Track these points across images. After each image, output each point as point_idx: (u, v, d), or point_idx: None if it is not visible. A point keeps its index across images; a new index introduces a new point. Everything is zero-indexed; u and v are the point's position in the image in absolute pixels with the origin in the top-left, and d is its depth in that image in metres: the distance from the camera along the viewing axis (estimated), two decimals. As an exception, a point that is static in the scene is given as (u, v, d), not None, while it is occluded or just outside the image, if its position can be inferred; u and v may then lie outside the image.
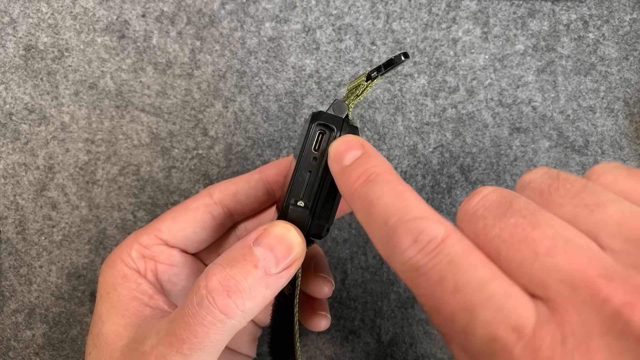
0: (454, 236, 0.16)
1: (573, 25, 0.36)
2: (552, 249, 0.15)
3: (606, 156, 0.35)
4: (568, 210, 0.16)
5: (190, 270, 0.27)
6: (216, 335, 0.19)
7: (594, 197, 0.16)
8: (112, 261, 0.25)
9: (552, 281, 0.14)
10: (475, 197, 0.17)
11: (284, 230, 0.21)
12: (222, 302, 0.19)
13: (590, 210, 0.16)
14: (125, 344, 0.22)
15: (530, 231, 0.15)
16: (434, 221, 0.16)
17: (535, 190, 0.17)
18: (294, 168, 0.21)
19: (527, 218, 0.16)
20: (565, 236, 0.15)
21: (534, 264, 0.15)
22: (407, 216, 0.16)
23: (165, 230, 0.26)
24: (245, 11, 0.36)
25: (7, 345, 0.34)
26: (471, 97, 0.35)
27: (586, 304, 0.14)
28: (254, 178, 0.27)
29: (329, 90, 0.35)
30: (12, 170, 0.35)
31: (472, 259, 0.15)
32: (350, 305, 0.35)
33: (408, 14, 0.36)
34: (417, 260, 0.16)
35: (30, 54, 0.35)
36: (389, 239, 0.17)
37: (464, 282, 0.15)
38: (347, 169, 0.19)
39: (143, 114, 0.35)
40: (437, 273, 0.15)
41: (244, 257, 0.20)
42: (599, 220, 0.15)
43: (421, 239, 0.16)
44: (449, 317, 0.16)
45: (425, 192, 0.35)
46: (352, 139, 0.20)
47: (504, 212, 0.16)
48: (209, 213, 0.26)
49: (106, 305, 0.24)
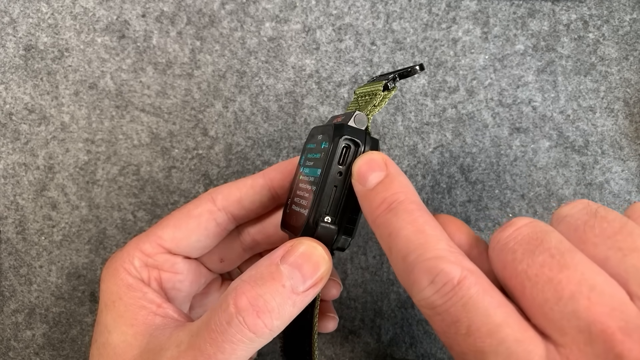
0: (470, 278, 0.16)
1: (573, 25, 0.36)
2: (576, 294, 0.14)
3: (606, 156, 0.35)
4: (601, 252, 0.16)
5: (193, 275, 0.27)
6: (243, 352, 0.20)
7: (630, 240, 0.15)
8: (114, 269, 0.25)
9: (571, 328, 0.14)
10: (508, 229, 0.17)
11: (311, 249, 0.20)
12: (252, 322, 0.19)
13: (623, 254, 0.15)
14: (138, 354, 0.22)
15: (557, 273, 0.15)
16: (451, 262, 0.16)
17: (570, 226, 0.17)
18: (320, 182, 0.21)
19: (556, 258, 0.15)
20: (592, 282, 0.15)
21: (555, 308, 0.15)
22: (425, 255, 0.17)
23: (168, 238, 0.25)
24: (245, 11, 0.36)
25: (7, 345, 0.34)
26: (471, 97, 0.35)
27: (600, 357, 0.14)
28: (258, 183, 0.26)
29: (329, 90, 0.35)
30: (12, 170, 0.35)
31: (487, 302, 0.15)
32: (350, 305, 0.35)
33: (408, 14, 0.36)
34: (433, 301, 0.16)
35: (30, 54, 0.35)
36: (408, 275, 0.17)
37: (476, 326, 0.15)
38: (370, 194, 0.19)
39: (143, 114, 0.35)
40: (451, 315, 0.16)
41: (272, 276, 0.20)
42: (631, 266, 0.15)
43: (437, 280, 0.16)
44: (460, 356, 0.16)
45: (425, 192, 0.35)
46: (375, 158, 0.20)
47: (534, 249, 0.16)
48: (213, 220, 0.26)
49: (112, 314, 0.23)
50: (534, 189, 0.35)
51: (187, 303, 0.28)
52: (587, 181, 0.35)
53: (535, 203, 0.35)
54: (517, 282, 0.16)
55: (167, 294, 0.26)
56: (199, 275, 0.28)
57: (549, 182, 0.35)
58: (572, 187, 0.35)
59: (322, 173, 0.21)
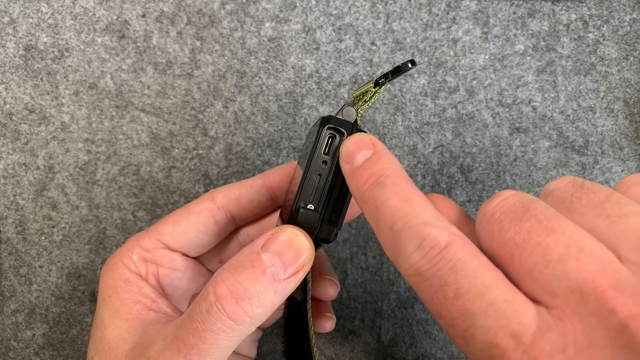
0: (458, 242, 0.16)
1: (573, 25, 0.36)
2: (565, 256, 0.14)
3: (606, 156, 0.35)
4: (589, 220, 0.16)
5: (191, 274, 0.27)
6: (225, 341, 0.19)
7: (617, 208, 0.16)
8: (112, 264, 0.25)
9: (561, 289, 0.14)
10: (494, 200, 0.17)
11: (292, 235, 0.20)
12: (230, 309, 0.19)
13: (611, 220, 0.15)
14: (130, 349, 0.22)
15: (545, 237, 0.15)
16: (439, 227, 0.16)
17: (557, 197, 0.17)
18: (304, 171, 0.21)
19: (543, 223, 0.15)
20: (581, 244, 0.15)
21: (544, 271, 0.15)
22: (412, 221, 0.16)
23: (167, 234, 0.26)
24: (245, 11, 0.36)
25: (7, 345, 0.34)
26: (471, 97, 0.35)
27: (593, 314, 0.13)
28: (257, 183, 0.27)
29: (329, 90, 0.35)
30: (12, 170, 0.35)
31: (475, 265, 0.15)
32: (350, 305, 0.35)
33: (408, 14, 0.36)
34: (420, 266, 0.16)
35: (30, 54, 0.35)
36: (394, 244, 0.17)
37: (464, 289, 0.15)
38: (357, 170, 0.19)
39: (143, 114, 0.35)
40: (439, 279, 0.15)
41: (252, 263, 0.20)
42: (619, 232, 0.15)
43: (424, 245, 0.16)
44: (449, 322, 0.16)
45: (425, 192, 0.35)
46: (363, 137, 0.20)
47: (520, 216, 0.16)
48: (212, 218, 0.26)
49: (108, 309, 0.24)
50: (534, 189, 0.35)
51: (185, 301, 0.28)
52: (587, 181, 0.35)
53: (535, 203, 0.35)
54: (506, 251, 0.16)
55: (165, 290, 0.26)
56: (197, 274, 0.28)
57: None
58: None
59: (307, 162, 0.21)
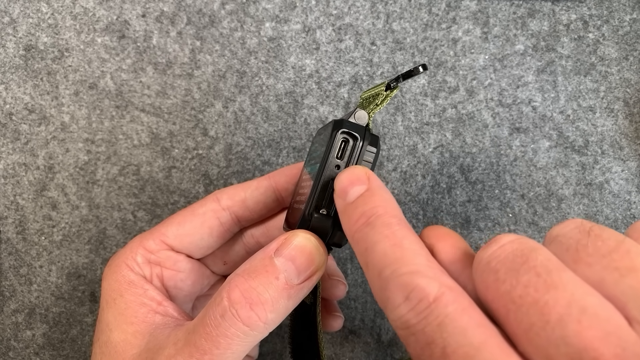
0: (447, 295, 0.14)
1: (573, 25, 0.36)
2: (565, 317, 0.13)
3: (606, 156, 0.35)
4: (595, 272, 0.14)
5: (196, 275, 0.27)
6: (238, 346, 0.19)
7: (627, 259, 0.14)
8: (116, 266, 0.24)
9: (559, 356, 0.13)
10: (491, 246, 0.15)
11: (305, 241, 0.20)
12: (245, 315, 0.19)
13: (620, 274, 0.14)
14: (137, 353, 0.22)
15: (543, 293, 0.13)
16: (428, 277, 0.15)
17: (562, 245, 0.15)
18: (317, 176, 0.21)
19: (542, 277, 0.14)
20: (583, 303, 0.13)
21: (541, 333, 0.13)
22: (400, 269, 0.15)
23: (172, 235, 0.25)
24: (245, 11, 0.36)
25: (7, 345, 0.34)
26: (471, 97, 0.35)
27: None
28: (263, 185, 0.26)
29: (329, 90, 0.35)
30: (12, 170, 0.35)
31: (465, 321, 0.14)
32: (350, 305, 0.35)
33: (408, 14, 0.36)
34: (407, 319, 0.15)
35: (30, 54, 0.35)
36: (382, 292, 0.16)
37: (452, 348, 0.14)
38: (349, 207, 0.19)
39: (143, 114, 0.35)
40: (426, 335, 0.14)
41: (265, 269, 0.20)
42: (629, 287, 0.13)
43: (412, 297, 0.15)
44: None
45: (425, 192, 0.35)
46: (358, 172, 0.19)
47: (518, 267, 0.14)
48: (217, 219, 0.26)
49: (113, 312, 0.23)
50: (534, 189, 0.35)
51: (189, 303, 0.28)
52: (587, 181, 0.35)
53: (535, 203, 0.35)
54: (501, 305, 0.14)
55: (169, 292, 0.26)
56: (201, 276, 0.28)
57: (549, 182, 0.35)
58: (572, 187, 0.35)
59: (319, 167, 0.21)
